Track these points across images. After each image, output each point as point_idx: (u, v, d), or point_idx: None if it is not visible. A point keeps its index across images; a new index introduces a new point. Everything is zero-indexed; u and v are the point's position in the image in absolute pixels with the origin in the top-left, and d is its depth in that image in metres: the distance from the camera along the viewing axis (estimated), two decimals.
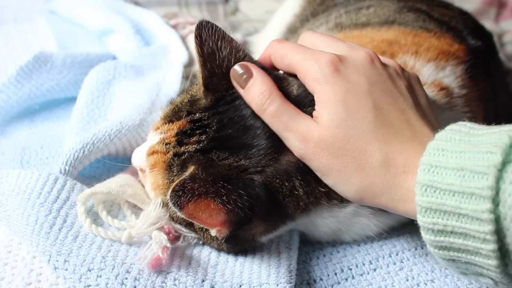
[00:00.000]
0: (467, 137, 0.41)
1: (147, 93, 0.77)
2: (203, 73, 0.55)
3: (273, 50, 0.54)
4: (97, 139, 0.63)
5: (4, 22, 1.12)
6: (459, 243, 0.40)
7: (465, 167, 0.39)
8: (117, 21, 1.00)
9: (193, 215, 0.48)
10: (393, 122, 0.47)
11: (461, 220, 0.39)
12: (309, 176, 0.51)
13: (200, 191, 0.47)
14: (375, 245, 0.60)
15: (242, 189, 0.48)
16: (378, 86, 0.48)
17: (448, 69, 0.66)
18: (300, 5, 1.00)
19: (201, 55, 0.54)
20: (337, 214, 0.55)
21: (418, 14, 0.77)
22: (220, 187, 0.47)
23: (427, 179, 0.40)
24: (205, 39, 0.53)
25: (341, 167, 0.46)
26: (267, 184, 0.50)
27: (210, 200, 0.48)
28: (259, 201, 0.49)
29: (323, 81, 0.48)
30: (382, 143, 0.46)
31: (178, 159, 0.53)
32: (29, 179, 0.57)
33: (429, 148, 0.42)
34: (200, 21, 0.53)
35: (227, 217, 0.49)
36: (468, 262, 0.41)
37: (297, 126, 0.48)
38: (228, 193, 0.48)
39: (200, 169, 0.49)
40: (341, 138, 0.46)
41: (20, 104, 0.79)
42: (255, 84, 0.51)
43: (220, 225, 0.50)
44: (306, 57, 0.50)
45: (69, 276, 0.49)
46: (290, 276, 0.53)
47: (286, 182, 0.51)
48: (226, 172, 0.49)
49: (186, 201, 0.47)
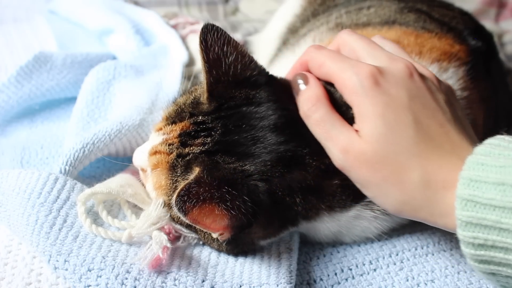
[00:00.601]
0: (506, 151, 0.41)
1: (147, 93, 0.77)
2: (208, 79, 0.54)
3: (310, 57, 0.53)
4: (97, 139, 0.63)
5: (4, 22, 1.12)
6: (499, 257, 0.40)
7: (505, 181, 0.39)
8: (117, 21, 1.00)
9: (198, 220, 0.48)
10: (433, 137, 0.46)
11: (502, 234, 0.39)
12: (310, 196, 0.52)
13: (205, 196, 0.47)
14: (375, 245, 0.60)
15: (247, 195, 0.48)
16: (417, 100, 0.48)
17: (451, 70, 0.66)
18: (301, 5, 1.00)
19: (206, 61, 0.53)
20: (339, 218, 0.55)
21: (418, 14, 0.77)
22: (225, 192, 0.47)
23: (467, 194, 0.40)
24: (210, 45, 0.52)
25: (380, 181, 0.46)
26: (270, 193, 0.50)
27: (214, 205, 0.47)
28: (262, 208, 0.49)
29: (362, 94, 0.47)
30: (422, 158, 0.45)
31: (182, 160, 0.52)
32: (29, 179, 0.57)
33: (468, 163, 0.42)
34: (205, 25, 0.52)
35: (230, 222, 0.49)
36: (508, 276, 0.41)
37: (339, 137, 0.48)
38: (232, 198, 0.47)
39: (205, 172, 0.48)
40: (381, 153, 0.46)
41: (20, 104, 0.79)
42: (306, 91, 0.51)
43: (223, 229, 0.50)
44: (345, 68, 0.49)
45: (69, 276, 0.49)
46: (290, 276, 0.53)
47: (288, 197, 0.51)
48: (231, 176, 0.49)
49: (191, 206, 0.46)
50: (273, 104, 0.53)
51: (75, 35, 1.04)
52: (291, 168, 0.51)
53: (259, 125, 0.52)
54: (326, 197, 0.53)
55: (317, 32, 0.80)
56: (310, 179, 0.51)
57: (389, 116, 0.46)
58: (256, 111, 0.53)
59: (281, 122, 0.52)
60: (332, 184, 0.52)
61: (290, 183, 0.51)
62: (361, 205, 0.55)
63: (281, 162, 0.50)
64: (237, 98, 0.54)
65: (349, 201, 0.54)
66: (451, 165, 0.45)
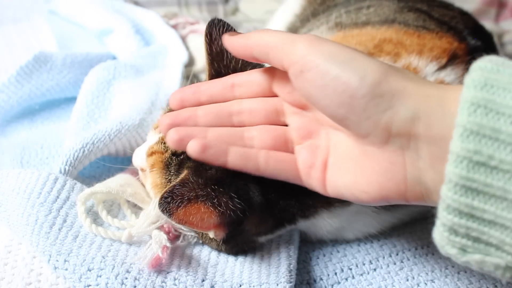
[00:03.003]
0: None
1: (147, 93, 0.77)
2: (209, 71, 0.55)
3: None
4: (97, 139, 0.63)
5: (4, 22, 1.12)
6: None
7: None
8: (117, 21, 1.00)
9: (184, 220, 0.48)
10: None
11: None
12: (305, 199, 0.52)
13: (190, 196, 0.47)
14: (375, 245, 0.60)
15: (234, 192, 0.48)
16: None
17: (449, 68, 0.66)
18: (301, 5, 1.00)
19: (209, 53, 0.54)
20: (340, 213, 0.55)
21: (418, 14, 0.77)
22: (211, 190, 0.47)
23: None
24: (214, 38, 0.53)
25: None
26: (263, 193, 0.50)
27: (200, 204, 0.47)
28: (254, 206, 0.49)
29: None
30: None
31: (176, 158, 0.53)
32: (29, 179, 0.57)
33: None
34: (212, 19, 0.53)
35: (220, 220, 0.49)
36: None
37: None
38: (219, 195, 0.47)
39: (192, 173, 0.48)
40: None
41: (20, 104, 0.79)
42: None
43: (215, 227, 0.50)
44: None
45: (69, 276, 0.49)
46: (290, 275, 0.53)
47: (281, 201, 0.51)
48: (219, 175, 0.49)
49: (175, 207, 0.46)
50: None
51: (75, 35, 1.04)
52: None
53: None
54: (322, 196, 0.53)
55: (317, 32, 0.80)
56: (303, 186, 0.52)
57: None
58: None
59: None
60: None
61: (282, 189, 0.51)
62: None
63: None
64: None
65: None
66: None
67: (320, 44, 0.41)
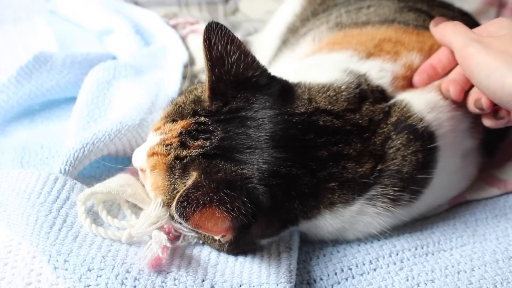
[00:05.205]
0: None
1: (147, 93, 0.77)
2: (210, 77, 0.54)
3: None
4: (97, 139, 0.63)
5: (4, 22, 1.12)
6: None
7: None
8: (117, 21, 1.00)
9: (200, 225, 0.48)
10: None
11: None
12: (308, 201, 0.52)
13: (204, 200, 0.47)
14: (375, 245, 0.60)
15: (246, 196, 0.48)
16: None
17: None
18: (301, 4, 1.00)
19: (209, 59, 0.53)
20: (342, 214, 0.55)
21: (418, 13, 0.78)
22: (224, 194, 0.47)
23: None
24: (213, 43, 0.52)
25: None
26: (270, 195, 0.50)
27: (215, 208, 0.47)
28: (262, 209, 0.49)
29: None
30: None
31: (179, 162, 0.52)
32: (29, 179, 0.57)
33: None
34: (210, 23, 0.52)
35: (232, 224, 0.49)
36: None
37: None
38: (232, 200, 0.47)
39: (203, 176, 0.48)
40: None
41: (20, 104, 0.79)
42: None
43: (225, 231, 0.50)
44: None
45: (69, 276, 0.49)
46: (290, 275, 0.53)
47: (286, 202, 0.52)
48: (230, 179, 0.49)
49: (191, 212, 0.46)
50: (270, 110, 0.53)
51: (75, 35, 1.04)
52: (286, 180, 0.51)
53: (256, 136, 0.52)
54: (324, 198, 0.53)
55: (317, 32, 0.80)
56: (305, 188, 0.52)
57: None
58: (254, 117, 0.53)
59: (277, 135, 0.52)
60: (329, 187, 0.53)
61: (286, 191, 0.51)
62: (364, 200, 0.55)
63: (277, 176, 0.51)
64: (238, 100, 0.54)
65: (352, 195, 0.54)
66: None
67: None
